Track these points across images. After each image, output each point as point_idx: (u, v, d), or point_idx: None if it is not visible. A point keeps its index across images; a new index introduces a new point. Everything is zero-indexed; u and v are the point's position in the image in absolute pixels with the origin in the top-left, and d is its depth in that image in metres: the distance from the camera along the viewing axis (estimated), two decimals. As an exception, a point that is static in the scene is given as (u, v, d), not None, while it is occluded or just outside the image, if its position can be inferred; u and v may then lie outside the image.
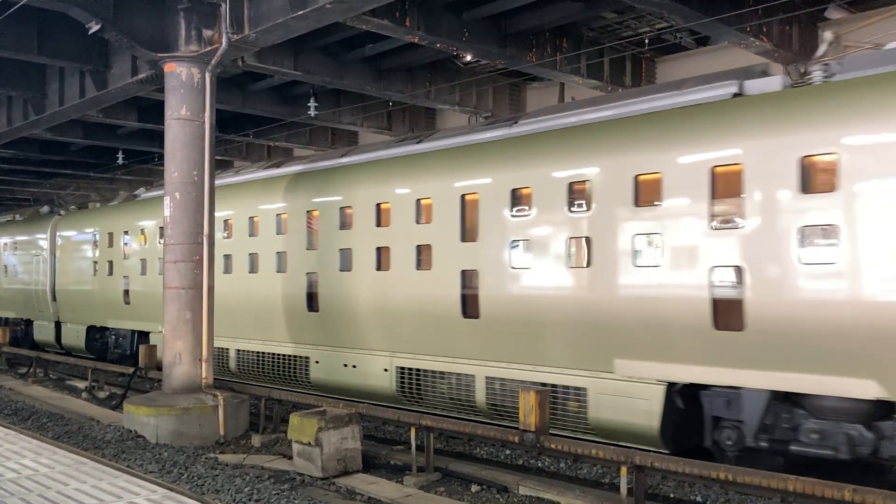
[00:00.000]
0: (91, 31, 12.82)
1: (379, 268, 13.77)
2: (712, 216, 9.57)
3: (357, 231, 14.27)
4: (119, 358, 21.48)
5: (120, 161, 28.36)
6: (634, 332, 10.16)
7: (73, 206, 26.87)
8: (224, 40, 12.55)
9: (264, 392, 13.67)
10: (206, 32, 12.96)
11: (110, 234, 21.65)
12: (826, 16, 15.64)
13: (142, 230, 20.38)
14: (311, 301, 15.23)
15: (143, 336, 20.56)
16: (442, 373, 12.96)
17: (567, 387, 11.13)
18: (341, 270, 14.50)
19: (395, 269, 13.40)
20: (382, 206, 13.86)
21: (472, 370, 12.43)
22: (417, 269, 13.07)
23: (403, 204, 13.41)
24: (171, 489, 6.90)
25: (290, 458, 10.80)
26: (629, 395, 10.27)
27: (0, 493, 6.54)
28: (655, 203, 10.08)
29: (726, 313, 9.35)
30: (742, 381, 9.30)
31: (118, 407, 15.27)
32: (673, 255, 9.84)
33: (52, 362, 21.52)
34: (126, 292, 20.71)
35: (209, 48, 12.94)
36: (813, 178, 8.91)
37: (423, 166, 13.46)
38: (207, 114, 13.18)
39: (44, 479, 7.08)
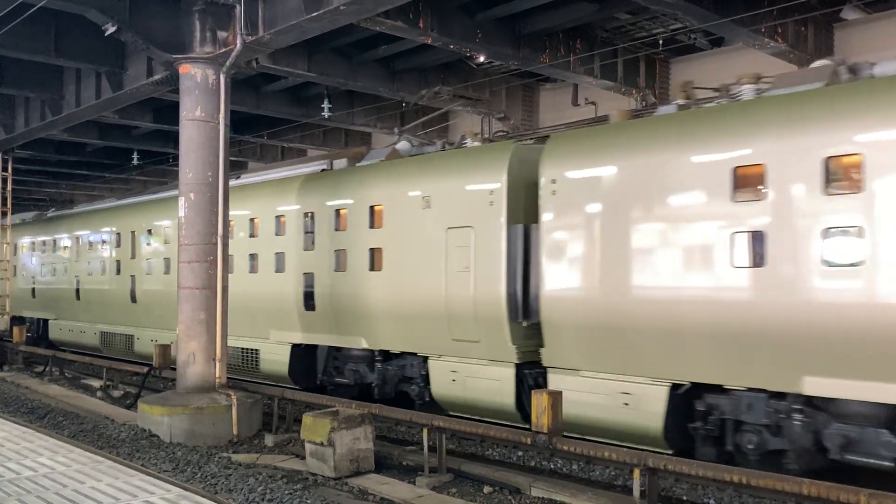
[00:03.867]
0: (107, 33, 12.91)
1: None
2: None
3: None
4: None
5: (135, 162, 28.58)
6: None
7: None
8: (239, 42, 12.62)
9: (277, 392, 13.72)
10: (221, 34, 13.04)
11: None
12: (842, 16, 15.56)
13: None
14: None
15: None
16: None
17: None
18: None
19: None
20: None
21: None
22: None
23: None
24: (185, 488, 6.94)
25: (303, 458, 10.83)
26: None
27: (18, 491, 6.61)
28: None
29: None
30: None
31: (132, 406, 15.37)
32: None
33: (68, 361, 21.67)
34: None
35: (224, 49, 13.02)
36: None
37: None
38: (222, 115, 13.25)
39: (60, 477, 7.14)
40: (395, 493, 9.59)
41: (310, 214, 15.28)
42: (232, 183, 17.12)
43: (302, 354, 15.80)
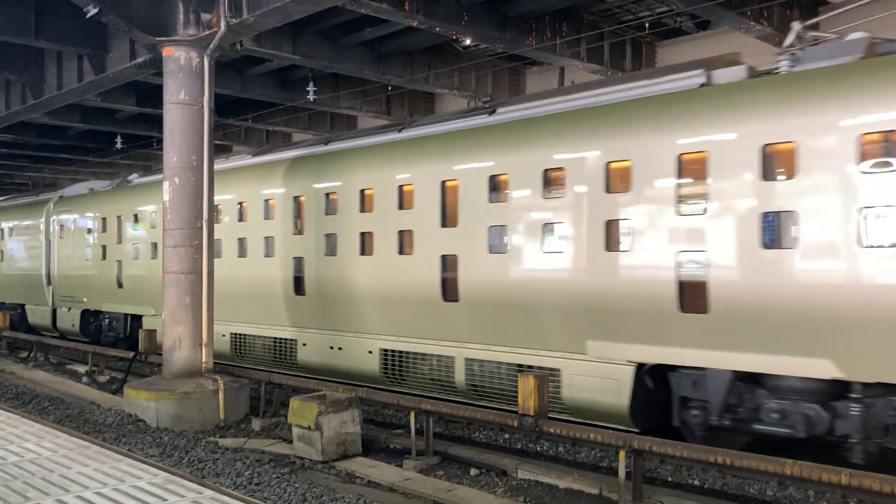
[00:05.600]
0: (89, 15, 12.74)
1: None
2: None
3: None
4: None
5: (118, 145, 28.33)
6: None
7: None
8: (223, 24, 12.49)
9: (264, 376, 13.72)
10: (205, 16, 12.90)
11: None
12: (827, -1, 15.58)
13: None
14: None
15: None
16: None
17: None
18: None
19: None
20: None
21: None
22: None
23: None
24: (172, 473, 6.93)
25: (290, 441, 10.85)
26: None
27: (3, 477, 6.58)
28: None
29: None
30: None
31: (119, 391, 15.33)
32: None
33: (53, 347, 21.55)
34: None
35: (208, 32, 12.88)
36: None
37: None
38: (206, 98, 13.14)
39: (47, 462, 7.12)
40: (383, 476, 9.63)
41: (695, 154, 9.58)
42: (520, 114, 11.88)
43: (642, 380, 10.31)
